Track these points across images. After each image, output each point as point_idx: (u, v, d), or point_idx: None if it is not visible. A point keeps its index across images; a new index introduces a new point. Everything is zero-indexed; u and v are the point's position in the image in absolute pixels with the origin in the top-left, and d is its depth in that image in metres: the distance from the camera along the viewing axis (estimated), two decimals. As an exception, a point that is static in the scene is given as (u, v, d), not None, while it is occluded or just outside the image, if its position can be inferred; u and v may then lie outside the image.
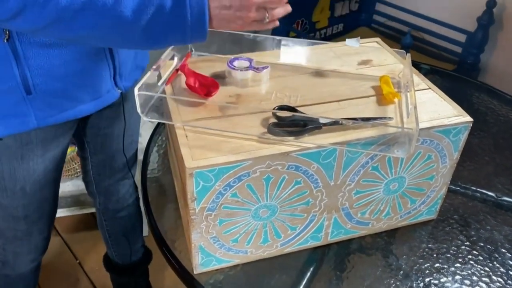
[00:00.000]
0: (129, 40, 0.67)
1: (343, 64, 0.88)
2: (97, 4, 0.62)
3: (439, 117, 0.73)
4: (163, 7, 0.64)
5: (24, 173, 0.89)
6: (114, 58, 0.86)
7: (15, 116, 0.80)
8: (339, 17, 2.66)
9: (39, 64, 0.76)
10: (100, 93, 0.88)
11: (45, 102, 0.80)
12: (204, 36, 0.67)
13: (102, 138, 1.04)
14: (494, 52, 2.32)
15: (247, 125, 0.70)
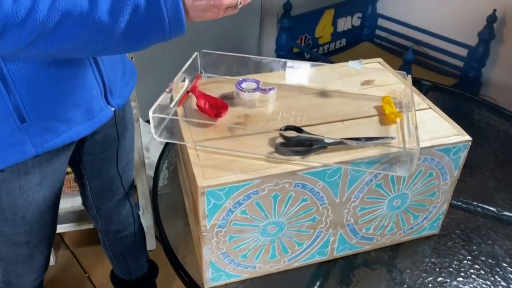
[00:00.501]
0: (111, 44, 0.67)
1: (346, 85, 0.91)
2: (74, 14, 0.63)
3: (439, 136, 0.77)
4: (138, 6, 0.64)
5: (23, 202, 0.89)
6: (103, 76, 0.87)
7: (12, 146, 0.79)
8: (342, 32, 2.70)
9: (29, 90, 0.76)
10: (94, 113, 0.87)
11: (40, 127, 0.80)
12: (183, 29, 0.67)
13: (98, 163, 1.06)
14: (495, 66, 2.35)
15: (255, 144, 0.74)
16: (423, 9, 2.54)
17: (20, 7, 0.61)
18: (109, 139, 1.03)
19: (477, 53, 2.30)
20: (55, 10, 0.63)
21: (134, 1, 0.64)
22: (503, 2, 2.22)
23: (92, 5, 0.64)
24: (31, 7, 0.62)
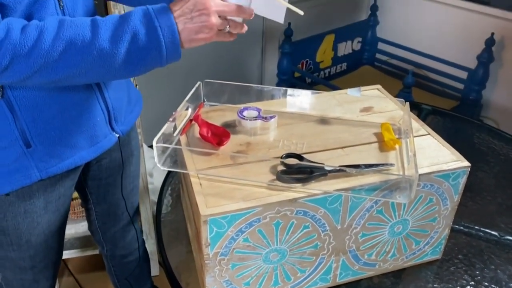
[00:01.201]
0: (111, 70, 0.70)
1: (346, 111, 0.93)
2: (77, 43, 0.66)
3: (438, 162, 0.78)
4: (137, 34, 0.68)
5: (28, 226, 0.91)
6: (107, 103, 0.89)
7: (18, 171, 0.81)
8: (342, 56, 2.75)
9: (35, 116, 0.78)
10: (98, 139, 0.89)
11: (45, 153, 0.82)
12: (178, 54, 0.71)
13: (104, 189, 1.07)
14: (495, 88, 2.37)
15: (257, 172, 0.75)
16: (422, 32, 2.59)
17: (28, 38, 0.65)
18: (114, 164, 1.05)
19: (477, 75, 2.32)
20: (59, 39, 0.66)
21: (133, 29, 0.68)
22: (501, 25, 2.26)
23: (94, 34, 0.67)
24: (37, 37, 0.65)
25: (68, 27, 0.67)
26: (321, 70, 2.68)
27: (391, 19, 2.72)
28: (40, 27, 0.66)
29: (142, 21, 0.68)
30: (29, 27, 0.66)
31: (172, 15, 0.69)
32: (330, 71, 2.73)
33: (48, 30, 0.66)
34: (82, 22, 0.68)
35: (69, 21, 0.68)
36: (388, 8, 2.71)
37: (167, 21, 0.68)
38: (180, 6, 0.70)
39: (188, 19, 0.70)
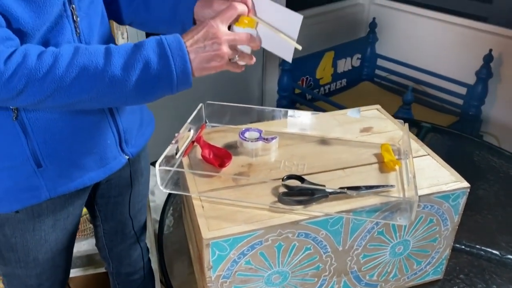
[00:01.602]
0: (122, 97, 0.72)
1: (346, 132, 0.94)
2: (90, 69, 0.68)
3: (437, 183, 0.78)
4: (149, 62, 0.69)
5: (35, 243, 0.92)
6: (118, 126, 0.91)
7: (28, 190, 0.83)
8: (342, 73, 2.77)
9: (46, 137, 0.81)
10: (107, 160, 0.91)
11: (55, 173, 0.84)
12: (189, 83, 0.73)
13: (112, 206, 1.08)
14: (494, 104, 2.39)
15: (259, 194, 0.76)
16: (421, 48, 2.62)
17: (43, 64, 0.67)
18: (123, 183, 1.06)
19: (476, 91, 2.34)
20: (73, 65, 0.68)
21: (146, 58, 0.70)
22: (498, 42, 2.29)
23: (106, 61, 0.69)
24: (52, 63, 0.68)
25: (82, 54, 0.69)
26: (321, 87, 2.71)
27: (390, 36, 2.76)
28: (56, 53, 0.68)
29: (155, 50, 0.70)
30: (45, 54, 0.68)
31: (184, 44, 0.71)
32: (330, 87, 2.76)
33: (63, 56, 0.68)
34: (96, 50, 0.70)
35: (84, 48, 0.70)
36: (386, 25, 2.75)
37: (179, 51, 0.70)
38: (191, 35, 0.72)
39: (201, 47, 0.72)
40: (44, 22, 0.73)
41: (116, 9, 0.96)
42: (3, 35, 0.68)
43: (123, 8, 0.95)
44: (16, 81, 0.66)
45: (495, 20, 2.39)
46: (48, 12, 0.73)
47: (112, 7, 0.96)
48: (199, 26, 0.73)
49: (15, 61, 0.66)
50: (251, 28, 0.78)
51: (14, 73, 0.66)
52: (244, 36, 0.75)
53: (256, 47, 0.78)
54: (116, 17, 0.98)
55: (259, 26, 0.79)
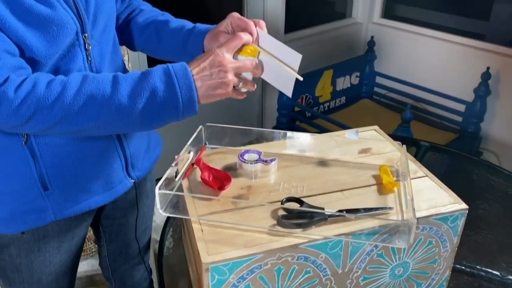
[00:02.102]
0: (129, 124, 0.73)
1: (345, 153, 0.95)
2: (97, 97, 0.70)
3: (436, 205, 0.79)
4: (155, 90, 0.71)
5: (40, 264, 0.92)
6: (125, 151, 0.92)
7: (34, 212, 0.85)
8: (341, 90, 2.79)
9: (54, 162, 0.82)
10: (113, 184, 0.92)
11: (61, 196, 0.85)
12: (195, 110, 0.74)
13: (117, 227, 1.09)
14: (493, 121, 2.40)
15: (258, 217, 0.76)
16: (419, 66, 2.64)
17: (52, 92, 0.69)
18: (128, 205, 1.07)
19: (475, 108, 2.36)
20: (81, 94, 0.70)
21: (153, 86, 0.71)
22: (495, 60, 2.31)
23: (114, 90, 0.71)
24: (60, 91, 0.69)
25: (90, 83, 0.71)
26: (321, 104, 2.73)
27: (388, 54, 2.79)
28: (64, 82, 0.70)
29: (161, 79, 0.72)
30: (54, 82, 0.70)
31: (191, 73, 0.73)
32: (329, 105, 2.78)
33: (71, 85, 0.70)
34: (104, 78, 0.72)
35: (92, 76, 0.72)
36: (384, 43, 2.78)
37: (185, 79, 0.72)
38: (198, 64, 0.74)
39: (207, 75, 0.74)
40: (57, 50, 0.76)
41: (128, 38, 0.99)
42: (16, 64, 0.70)
43: (135, 37, 0.98)
44: (25, 109, 0.68)
45: (492, 37, 2.42)
46: (61, 41, 0.75)
47: (125, 36, 0.99)
48: (205, 55, 0.76)
49: (25, 89, 0.68)
50: (253, 57, 0.80)
51: (24, 101, 0.68)
52: (249, 63, 0.78)
53: (259, 74, 0.80)
54: (128, 44, 1.01)
55: (261, 57, 0.81)
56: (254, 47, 0.81)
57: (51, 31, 0.73)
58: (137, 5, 1.01)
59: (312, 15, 2.75)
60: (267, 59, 0.81)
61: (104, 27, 0.85)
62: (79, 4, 0.78)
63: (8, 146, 0.80)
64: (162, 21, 0.96)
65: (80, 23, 0.78)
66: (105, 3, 0.84)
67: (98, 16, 0.82)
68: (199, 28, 0.92)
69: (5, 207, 0.84)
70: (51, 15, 0.73)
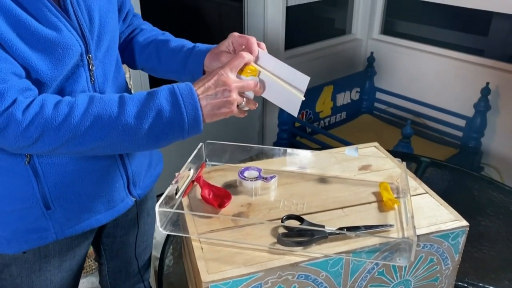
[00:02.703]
0: (135, 144, 0.74)
1: (345, 170, 0.95)
2: (104, 118, 0.71)
3: (436, 222, 0.79)
4: (161, 110, 0.72)
5: (41, 284, 0.92)
6: (127, 170, 0.93)
7: (36, 231, 0.85)
8: (341, 106, 2.80)
9: (57, 181, 0.83)
10: (115, 203, 0.93)
11: (63, 215, 0.86)
12: (200, 129, 0.76)
13: (118, 246, 1.09)
14: (494, 136, 2.41)
15: (258, 235, 0.76)
16: (419, 82, 2.65)
17: (59, 113, 0.70)
18: (129, 223, 1.07)
19: (475, 123, 2.36)
20: (88, 114, 0.71)
21: (158, 106, 0.73)
22: (495, 75, 2.32)
23: (120, 110, 0.72)
24: (68, 113, 0.70)
25: (97, 103, 0.72)
26: (321, 120, 2.73)
27: (388, 69, 2.80)
28: (72, 103, 0.71)
29: (167, 99, 0.73)
30: (61, 103, 0.71)
31: (196, 92, 0.74)
32: (330, 120, 2.78)
33: (79, 106, 0.71)
34: (111, 99, 0.73)
35: (99, 97, 0.73)
36: (384, 59, 2.80)
37: (190, 99, 0.73)
38: (203, 83, 0.75)
39: (211, 95, 0.75)
40: (62, 72, 0.77)
41: (129, 57, 1.01)
42: (23, 86, 0.71)
43: (136, 56, 1.00)
44: (33, 130, 0.69)
45: (491, 53, 2.44)
46: (66, 63, 0.77)
47: (125, 55, 1.00)
48: (209, 75, 0.77)
49: (32, 111, 0.69)
50: (253, 76, 0.81)
51: (31, 122, 0.69)
52: (252, 83, 0.79)
53: (260, 93, 0.82)
54: (129, 63, 1.02)
55: (262, 77, 0.83)
56: (255, 67, 0.82)
57: (57, 54, 0.75)
58: (138, 25, 1.02)
59: (312, 31, 2.78)
60: (270, 79, 0.82)
61: (108, 47, 0.86)
62: (83, 26, 0.79)
63: (11, 166, 0.80)
64: (162, 40, 0.97)
65: (85, 44, 0.79)
66: (108, 23, 0.85)
67: (102, 37, 0.83)
68: (199, 47, 0.93)
69: (7, 226, 0.84)
70: (57, 38, 0.74)
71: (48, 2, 0.73)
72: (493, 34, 2.51)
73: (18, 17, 0.70)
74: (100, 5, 0.83)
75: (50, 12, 0.73)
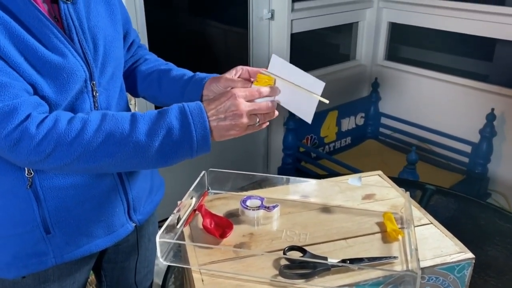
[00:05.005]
0: (144, 161, 0.75)
1: (348, 199, 0.94)
2: (116, 135, 0.72)
3: (441, 254, 0.77)
4: (172, 129, 0.74)
5: None
6: (128, 195, 0.93)
7: (35, 256, 0.85)
8: (346, 131, 2.80)
9: (57, 205, 0.83)
10: (115, 228, 0.93)
11: (63, 240, 0.86)
12: (208, 148, 0.77)
13: (118, 272, 1.08)
14: (501, 162, 2.39)
15: (260, 266, 0.75)
16: (424, 107, 2.66)
17: (72, 129, 0.72)
18: (130, 249, 1.07)
19: (481, 149, 2.35)
20: (100, 131, 0.72)
21: (169, 125, 0.74)
22: (500, 101, 2.32)
23: (132, 128, 0.73)
24: (81, 128, 0.72)
25: (110, 121, 0.73)
26: (326, 145, 2.73)
27: (392, 95, 2.81)
28: (85, 119, 0.73)
29: (177, 117, 0.75)
30: (74, 119, 0.73)
31: (206, 114, 0.75)
32: (334, 145, 2.78)
33: (91, 122, 0.72)
34: (123, 116, 0.75)
35: (111, 115, 0.74)
36: (389, 84, 2.81)
37: (200, 119, 0.75)
38: (215, 106, 0.77)
39: (221, 118, 0.76)
40: (66, 97, 0.79)
41: (131, 84, 1.03)
42: (36, 102, 0.73)
43: (138, 84, 1.01)
44: (46, 145, 0.70)
45: (496, 79, 2.45)
46: (70, 88, 0.78)
47: (128, 83, 1.02)
48: (222, 96, 0.78)
49: (46, 126, 0.71)
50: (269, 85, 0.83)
51: (45, 137, 0.70)
52: (265, 106, 0.80)
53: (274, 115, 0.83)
54: (130, 90, 1.04)
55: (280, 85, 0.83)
56: (269, 76, 0.82)
57: (61, 78, 0.76)
58: (142, 55, 1.04)
59: (316, 57, 2.81)
60: (284, 85, 0.83)
61: (112, 75, 0.88)
62: (87, 53, 0.80)
63: (12, 189, 0.81)
64: (164, 70, 0.99)
65: (89, 70, 0.81)
66: (113, 52, 0.86)
67: (106, 64, 0.85)
68: (198, 75, 0.95)
69: (6, 251, 0.84)
70: (62, 63, 0.76)
71: (55, 29, 0.75)
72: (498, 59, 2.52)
73: (26, 42, 0.72)
74: (105, 33, 0.84)
75: (56, 38, 0.76)
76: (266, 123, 0.83)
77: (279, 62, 0.84)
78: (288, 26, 2.39)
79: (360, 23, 2.82)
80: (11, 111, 0.69)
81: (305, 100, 0.82)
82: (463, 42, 2.58)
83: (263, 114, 0.81)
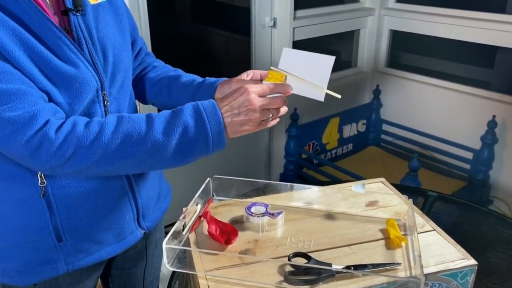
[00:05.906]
0: (162, 160, 0.76)
1: (352, 206, 0.95)
2: (133, 135, 0.74)
3: (444, 260, 0.78)
4: (187, 127, 0.75)
5: None
6: (137, 202, 0.94)
7: (47, 263, 0.86)
8: (348, 138, 2.81)
9: (69, 213, 0.84)
10: (124, 235, 0.94)
11: (74, 247, 0.87)
12: (223, 145, 0.78)
13: (125, 278, 1.09)
14: (502, 168, 2.39)
15: (265, 272, 0.76)
16: (425, 114, 2.67)
17: (90, 132, 0.73)
18: (138, 256, 1.08)
19: (482, 156, 2.35)
20: (117, 133, 0.74)
21: (184, 123, 0.75)
22: (501, 108, 2.33)
23: (148, 127, 0.75)
24: (99, 131, 0.73)
25: (126, 122, 0.75)
26: (328, 151, 2.74)
27: (394, 101, 2.83)
28: (102, 122, 0.74)
29: (192, 115, 0.76)
30: (92, 123, 0.74)
31: (220, 110, 0.77)
32: (336, 152, 2.79)
33: (109, 125, 0.74)
34: (139, 117, 0.76)
35: (127, 117, 0.76)
36: (390, 91, 2.83)
37: (214, 115, 0.76)
38: (228, 102, 0.78)
39: (235, 114, 0.77)
40: (79, 107, 0.80)
41: (140, 92, 1.04)
42: (53, 108, 0.75)
43: (147, 91, 1.03)
44: (65, 149, 0.72)
45: (497, 86, 2.46)
46: (83, 98, 0.80)
47: (137, 90, 1.03)
48: (235, 92, 0.79)
49: (65, 130, 0.72)
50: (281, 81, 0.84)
51: (64, 141, 0.72)
52: (279, 101, 0.80)
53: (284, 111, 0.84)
54: (140, 98, 1.05)
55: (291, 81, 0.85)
56: (280, 72, 0.84)
57: (74, 89, 0.78)
58: (150, 62, 1.05)
59: (318, 64, 2.82)
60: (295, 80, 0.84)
61: (122, 84, 0.89)
62: (97, 63, 0.82)
63: (26, 198, 0.82)
64: (173, 76, 1.00)
65: (100, 80, 0.82)
66: (122, 61, 0.88)
67: (116, 74, 0.86)
68: (209, 80, 0.96)
69: (18, 259, 0.85)
70: (75, 73, 0.78)
71: (67, 40, 0.77)
72: (499, 67, 2.54)
73: (41, 53, 0.74)
74: (114, 43, 0.86)
75: (69, 49, 0.77)
76: (277, 119, 0.84)
77: (289, 53, 0.85)
78: (290, 34, 2.41)
79: (361, 31, 2.84)
80: (31, 117, 0.71)
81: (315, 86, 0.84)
82: (464, 50, 2.60)
83: (275, 109, 0.82)
